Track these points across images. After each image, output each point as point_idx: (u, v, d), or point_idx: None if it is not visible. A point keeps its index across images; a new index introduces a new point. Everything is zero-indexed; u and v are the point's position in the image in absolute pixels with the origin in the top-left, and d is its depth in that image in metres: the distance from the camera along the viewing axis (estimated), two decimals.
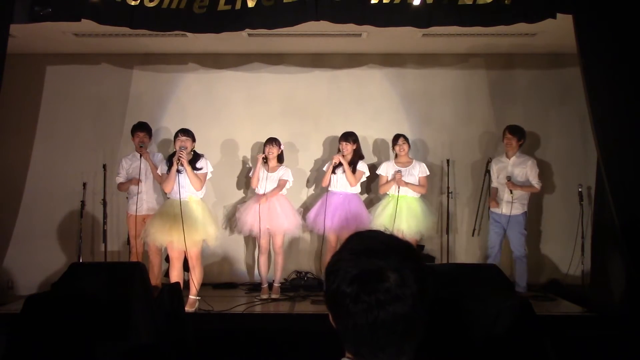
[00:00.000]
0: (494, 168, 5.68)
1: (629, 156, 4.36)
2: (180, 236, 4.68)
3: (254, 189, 5.55)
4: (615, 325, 4.23)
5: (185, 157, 4.71)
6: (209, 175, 5.00)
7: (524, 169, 5.50)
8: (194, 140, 4.92)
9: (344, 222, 5.33)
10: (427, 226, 5.51)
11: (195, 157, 4.92)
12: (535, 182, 5.47)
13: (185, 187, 4.79)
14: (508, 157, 5.60)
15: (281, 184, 5.45)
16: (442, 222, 6.03)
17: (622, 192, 4.35)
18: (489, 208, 5.76)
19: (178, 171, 4.73)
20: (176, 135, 4.88)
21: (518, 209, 5.48)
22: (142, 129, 5.49)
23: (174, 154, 4.88)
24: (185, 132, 4.87)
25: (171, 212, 4.77)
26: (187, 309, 4.60)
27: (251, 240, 6.20)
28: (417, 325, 1.10)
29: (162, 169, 5.06)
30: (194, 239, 4.78)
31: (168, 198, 4.96)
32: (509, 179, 5.44)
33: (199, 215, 4.83)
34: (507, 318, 2.50)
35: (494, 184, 5.70)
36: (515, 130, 5.54)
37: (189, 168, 4.75)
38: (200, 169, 4.89)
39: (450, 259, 6.04)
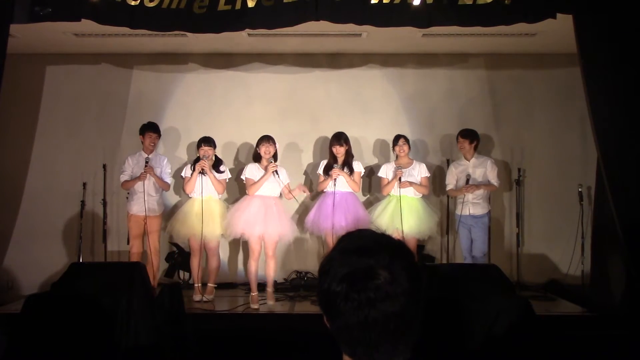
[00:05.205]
0: (454, 171, 5.64)
1: (629, 156, 4.35)
2: (201, 230, 5.21)
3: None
4: (615, 325, 4.23)
5: (207, 167, 5.26)
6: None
7: (484, 170, 5.52)
8: (215, 147, 5.41)
9: (343, 222, 5.24)
10: (429, 226, 5.45)
11: (217, 162, 5.45)
12: (495, 181, 5.47)
13: (206, 188, 5.30)
14: (467, 159, 5.59)
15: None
16: (442, 222, 6.01)
17: (622, 192, 4.34)
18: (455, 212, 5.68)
19: (202, 172, 5.25)
20: (199, 145, 5.36)
21: (484, 209, 5.47)
22: (154, 129, 5.52)
23: (197, 159, 5.37)
24: (208, 142, 5.35)
25: (193, 210, 5.31)
26: (207, 295, 5.32)
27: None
28: (410, 323, 1.08)
29: (185, 172, 5.45)
30: (215, 233, 5.33)
31: (190, 197, 5.43)
32: (467, 180, 5.43)
33: (218, 213, 5.35)
34: (507, 318, 2.50)
35: (451, 187, 5.64)
36: (466, 134, 5.58)
37: (211, 176, 5.31)
38: (223, 171, 5.48)
39: (450, 259, 6.04)
